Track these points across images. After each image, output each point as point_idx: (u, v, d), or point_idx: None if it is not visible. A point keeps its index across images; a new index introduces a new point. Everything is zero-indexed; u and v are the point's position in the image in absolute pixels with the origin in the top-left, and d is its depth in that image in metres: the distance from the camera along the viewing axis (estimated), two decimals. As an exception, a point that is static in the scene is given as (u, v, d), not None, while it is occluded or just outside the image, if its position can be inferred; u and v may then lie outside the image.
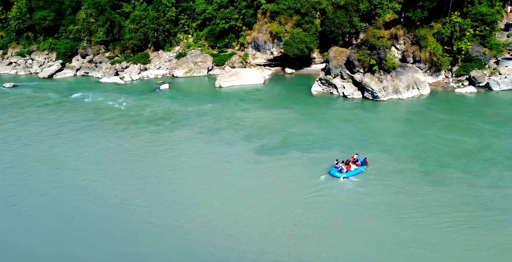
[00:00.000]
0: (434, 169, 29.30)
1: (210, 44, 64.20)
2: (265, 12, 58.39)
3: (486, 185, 26.86)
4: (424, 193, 26.28)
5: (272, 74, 59.37)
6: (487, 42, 49.42)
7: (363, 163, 29.70)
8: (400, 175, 28.66)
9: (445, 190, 26.56)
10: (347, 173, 28.68)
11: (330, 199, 26.62)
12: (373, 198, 26.17)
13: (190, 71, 60.92)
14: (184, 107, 45.92)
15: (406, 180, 27.95)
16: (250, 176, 29.72)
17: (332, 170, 29.22)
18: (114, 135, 38.70)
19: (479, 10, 47.81)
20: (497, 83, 45.72)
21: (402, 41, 47.44)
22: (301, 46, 55.22)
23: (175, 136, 37.82)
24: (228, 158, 32.55)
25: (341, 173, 28.62)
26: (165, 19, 64.17)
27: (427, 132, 35.61)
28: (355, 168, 29.12)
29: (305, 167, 30.53)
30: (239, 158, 32.61)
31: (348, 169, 28.80)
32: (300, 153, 32.79)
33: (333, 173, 28.90)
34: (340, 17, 53.79)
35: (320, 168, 30.05)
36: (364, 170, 29.38)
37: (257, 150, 33.81)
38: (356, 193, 27.18)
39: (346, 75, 47.17)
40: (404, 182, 27.70)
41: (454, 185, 27.04)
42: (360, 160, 29.96)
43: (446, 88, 47.92)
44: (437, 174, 28.58)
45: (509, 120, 37.50)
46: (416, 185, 27.26)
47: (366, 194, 26.80)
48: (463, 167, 29.44)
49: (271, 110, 43.81)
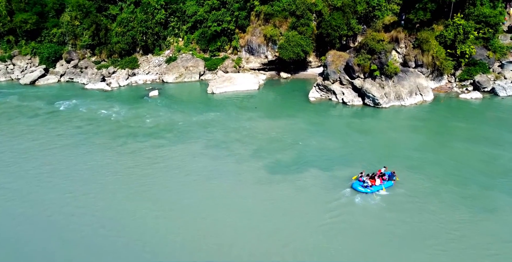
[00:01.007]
0: (473, 190, 26.36)
1: (201, 47, 61.41)
2: (258, 14, 55.82)
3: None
4: (465, 221, 23.42)
5: (267, 79, 56.79)
6: (491, 45, 47.42)
7: (391, 177, 27.23)
8: (434, 198, 25.76)
9: (488, 217, 23.70)
10: (372, 188, 26.34)
11: (353, 226, 23.62)
12: (405, 225, 23.29)
13: (180, 76, 58.06)
14: (180, 117, 42.81)
15: (442, 205, 25.05)
16: (263, 199, 26.97)
17: (355, 183, 27.00)
18: (109, 151, 35.58)
19: (481, 12, 45.75)
20: (503, 88, 43.66)
21: (403, 44, 45.21)
22: (296, 49, 52.74)
23: (178, 151, 34.74)
24: (238, 178, 29.63)
25: (365, 188, 26.24)
26: (154, 22, 61.22)
27: (454, 144, 32.92)
28: (380, 183, 26.72)
29: (323, 188, 27.76)
30: (250, 177, 29.66)
31: (373, 184, 26.41)
32: (318, 171, 29.89)
33: (356, 187, 26.74)
34: (337, 19, 51.43)
35: (341, 188, 27.44)
36: (389, 187, 26.89)
37: (269, 167, 30.92)
38: (385, 219, 24.16)
39: (346, 80, 44.77)
40: (439, 207, 24.83)
41: (499, 211, 24.13)
42: (387, 173, 27.48)
43: (449, 93, 45.77)
44: (477, 197, 25.68)
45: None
46: (454, 211, 24.40)
47: (397, 220, 23.88)
48: (506, 188, 26.39)
49: (276, 119, 40.95)
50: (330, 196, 26.73)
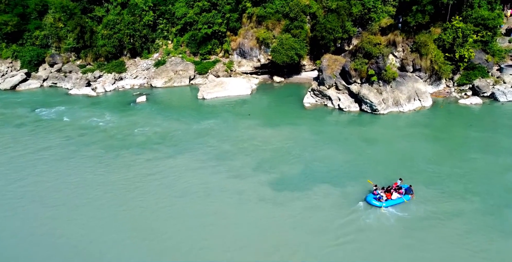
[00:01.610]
0: (501, 211, 24.08)
1: (191, 50, 59.24)
2: (251, 17, 53.86)
3: None
4: (494, 248, 21.20)
5: (260, 83, 54.88)
6: (489, 48, 46.19)
7: (408, 191, 25.44)
8: (459, 219, 23.44)
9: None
10: (387, 202, 24.71)
11: (368, 255, 21.28)
12: (428, 253, 20.96)
13: (170, 81, 55.82)
14: (173, 126, 40.04)
15: (468, 227, 22.74)
16: (267, 222, 24.26)
17: (369, 196, 25.43)
18: (100, 165, 32.61)
19: (480, 14, 44.47)
20: (503, 94, 42.37)
21: (401, 48, 43.64)
22: (290, 53, 50.92)
23: (174, 164, 31.97)
24: (240, 197, 26.96)
25: (380, 201, 24.59)
26: (141, 24, 58.88)
27: (469, 156, 30.71)
28: (397, 197, 24.98)
29: (334, 207, 25.30)
30: (253, 195, 27.01)
31: (388, 198, 24.80)
32: (327, 186, 27.38)
33: (370, 200, 25.10)
34: (331, 22, 49.75)
35: (353, 207, 25.23)
36: (406, 201, 25.11)
37: (274, 183, 28.31)
38: (406, 248, 21.67)
39: (342, 86, 43.06)
40: (465, 230, 22.53)
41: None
42: (404, 187, 25.69)
43: (448, 98, 44.37)
44: (508, 218, 23.42)
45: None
46: (482, 235, 22.14)
47: (419, 249, 21.39)
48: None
49: (276, 128, 38.43)
50: (342, 217, 24.17)
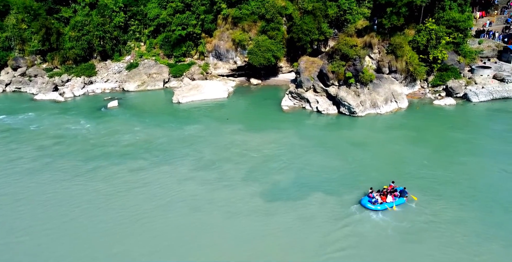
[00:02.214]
0: (500, 217, 23.63)
1: (165, 52, 57.48)
2: (226, 18, 52.78)
3: None
4: (496, 259, 20.73)
5: (236, 86, 53.86)
6: (461, 50, 47.22)
7: (402, 193, 25.35)
8: (458, 227, 22.78)
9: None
10: (382, 205, 24.67)
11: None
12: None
13: (143, 84, 53.87)
14: (154, 133, 38.12)
15: (468, 236, 22.14)
16: (260, 236, 23.00)
17: (364, 199, 25.17)
18: (78, 177, 30.17)
19: (451, 16, 45.33)
20: (475, 94, 43.35)
21: (377, 50, 43.86)
22: (267, 55, 50.24)
23: (159, 174, 29.98)
24: (229, 209, 25.46)
25: (374, 205, 24.62)
26: (112, 25, 56.52)
27: (460, 159, 30.51)
28: (391, 200, 24.99)
29: (330, 216, 24.31)
30: (244, 208, 25.59)
31: (383, 201, 24.81)
32: (322, 196, 26.34)
33: (365, 203, 24.84)
34: (308, 23, 49.44)
35: (348, 215, 24.46)
36: (394, 207, 24.91)
37: (266, 194, 26.98)
38: (404, 259, 21.01)
39: (320, 88, 42.73)
40: (465, 239, 21.92)
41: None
42: (399, 189, 25.61)
43: (423, 99, 44.95)
44: (508, 225, 22.91)
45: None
46: (482, 244, 21.56)
47: (417, 260, 20.79)
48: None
49: (261, 133, 37.08)
50: (338, 228, 23.24)
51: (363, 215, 24.50)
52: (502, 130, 35.72)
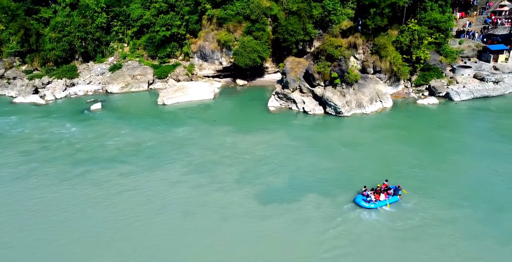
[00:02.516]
0: (493, 216, 24.01)
1: (149, 54, 56.71)
2: (211, 18, 52.41)
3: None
4: (491, 257, 21.05)
5: (222, 87, 53.57)
6: (443, 50, 48.21)
7: (396, 191, 25.70)
8: (452, 227, 23.15)
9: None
10: (376, 203, 24.96)
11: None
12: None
13: (127, 86, 52.98)
14: (142, 135, 37.58)
15: (462, 235, 22.50)
16: (255, 239, 22.77)
17: (358, 198, 25.48)
18: (65, 182, 29.46)
19: (433, 17, 46.23)
20: (457, 93, 44.29)
21: (362, 50, 44.27)
22: (253, 55, 50.13)
23: (150, 178, 29.50)
24: (224, 212, 25.15)
25: (368, 203, 24.89)
26: (94, 26, 55.41)
27: (450, 158, 31.03)
28: (385, 198, 25.29)
29: (326, 217, 24.24)
30: (238, 210, 25.31)
31: (377, 199, 25.03)
32: (316, 197, 26.31)
33: (359, 202, 25.12)
34: (293, 24, 49.56)
35: (346, 216, 24.48)
36: (388, 205, 25.28)
37: (260, 196, 26.77)
38: (399, 259, 21.24)
39: (306, 88, 42.89)
40: (460, 238, 22.30)
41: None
42: (392, 187, 25.97)
43: (407, 99, 45.66)
44: (501, 224, 23.37)
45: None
46: (477, 243, 21.94)
47: (412, 260, 21.06)
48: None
49: (251, 134, 36.91)
50: (334, 228, 23.46)
51: (358, 215, 24.66)
52: (485, 128, 36.61)
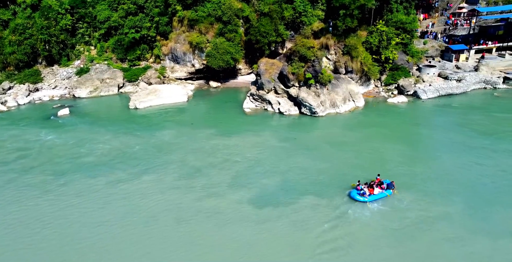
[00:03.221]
0: (484, 210, 24.71)
1: (118, 56, 55.00)
2: (182, 20, 51.60)
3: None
4: (485, 250, 21.56)
5: (196, 89, 52.91)
6: (409, 50, 50.05)
7: (389, 186, 26.45)
8: (446, 223, 23.63)
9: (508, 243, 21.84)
10: (370, 197, 25.58)
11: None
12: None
13: (96, 90, 51.13)
14: (124, 141, 36.49)
15: (456, 230, 22.97)
16: (253, 244, 22.34)
17: (353, 192, 26.13)
18: (48, 194, 27.82)
19: (399, 18, 47.98)
20: (424, 92, 46.16)
21: (333, 51, 45.18)
22: (226, 57, 49.87)
23: (139, 185, 28.50)
24: (218, 218, 24.56)
25: (363, 196, 25.49)
26: (58, 29, 53.04)
27: (434, 154, 32.05)
28: (379, 192, 25.97)
29: (323, 218, 24.22)
30: (234, 216, 24.79)
31: (371, 193, 25.67)
32: (312, 198, 26.23)
33: (354, 196, 25.77)
34: (265, 25, 49.78)
35: (343, 217, 24.59)
36: (389, 195, 26.11)
37: (255, 200, 26.35)
38: (397, 257, 21.54)
39: (281, 89, 43.16)
40: (455, 234, 22.75)
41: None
42: (386, 182, 26.67)
43: (377, 98, 47.05)
44: (492, 218, 23.99)
45: (487, 131, 35.70)
46: (471, 238, 22.35)
47: (410, 257, 21.35)
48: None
49: (236, 136, 36.60)
50: (332, 230, 23.65)
51: (354, 215, 24.90)
52: (457, 124, 38.23)
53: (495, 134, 35.30)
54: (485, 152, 32.22)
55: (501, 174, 28.91)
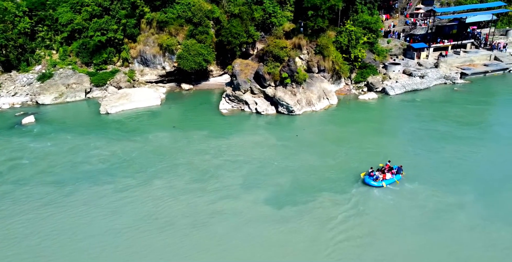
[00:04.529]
0: (496, 197, 25.69)
1: (83, 61, 52.67)
2: (150, 22, 50.41)
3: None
4: (503, 233, 22.52)
5: (168, 92, 51.84)
6: (375, 49, 52.33)
7: (398, 170, 28.37)
8: (463, 212, 24.48)
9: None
10: (384, 181, 27.48)
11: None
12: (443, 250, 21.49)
13: (61, 96, 48.60)
14: (115, 148, 34.93)
15: (475, 220, 23.75)
16: (280, 243, 22.18)
17: (366, 179, 27.73)
18: (50, 205, 26.28)
19: (364, 19, 50.08)
20: (392, 88, 48.38)
21: (306, 50, 46.22)
22: (198, 59, 49.36)
23: (150, 191, 27.63)
24: (237, 220, 24.18)
25: (377, 181, 27.26)
26: (16, 32, 49.89)
27: (431, 145, 33.26)
28: (390, 177, 27.87)
29: (345, 213, 24.49)
30: (253, 216, 24.45)
31: (384, 178, 27.56)
32: (330, 194, 26.51)
33: (369, 181, 27.48)
34: (236, 27, 49.86)
35: (367, 207, 25.20)
36: (397, 181, 27.82)
37: (271, 199, 26.25)
38: (421, 247, 21.94)
39: (257, 89, 43.44)
40: (475, 223, 23.58)
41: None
42: (395, 167, 28.58)
43: (349, 95, 48.68)
44: (504, 204, 24.94)
45: (468, 122, 37.98)
46: (488, 225, 23.29)
47: (432, 245, 21.83)
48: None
49: (228, 137, 36.43)
50: (359, 224, 24.02)
51: (374, 206, 25.48)
52: (436, 117, 39.95)
53: (475, 125, 37.82)
54: (475, 141, 34.03)
55: (500, 162, 30.26)
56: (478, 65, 55.76)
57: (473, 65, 55.69)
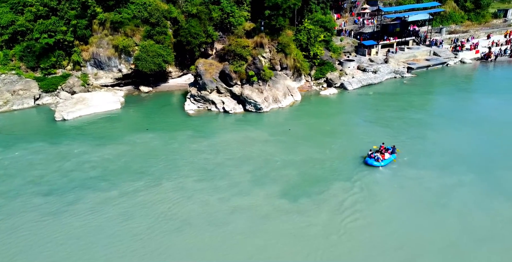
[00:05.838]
0: (497, 175, 27.17)
1: (29, 65, 48.59)
2: (103, 23, 47.88)
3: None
4: (497, 208, 23.91)
5: (126, 96, 49.61)
6: (330, 46, 54.65)
7: (393, 150, 30.60)
8: (467, 191, 25.74)
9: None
10: (384, 161, 29.61)
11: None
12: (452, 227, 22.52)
13: (6, 104, 44.48)
14: (101, 151, 33.13)
15: (480, 198, 24.93)
16: (304, 233, 22.44)
17: (369, 160, 29.67)
18: (65, 214, 24.62)
19: (319, 18, 52.14)
20: (349, 83, 50.85)
21: (268, 49, 46.90)
22: (157, 60, 47.89)
23: (162, 194, 26.70)
24: (255, 214, 24.13)
25: (378, 162, 29.32)
26: None
27: (420, 132, 35.25)
28: (388, 157, 30.08)
29: (358, 199, 25.33)
30: (270, 210, 24.46)
31: (383, 158, 29.70)
32: (341, 184, 27.20)
33: (371, 162, 29.48)
34: (195, 27, 49.21)
35: (381, 192, 26.16)
36: (395, 160, 30.13)
37: (284, 193, 26.35)
38: (431, 224, 22.94)
39: (223, 89, 43.23)
40: (480, 201, 24.72)
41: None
42: (389, 148, 30.69)
43: (310, 91, 50.29)
44: (504, 182, 26.48)
45: (438, 109, 40.87)
46: (493, 202, 24.50)
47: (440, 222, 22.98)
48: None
49: (215, 136, 35.83)
50: (369, 205, 24.96)
51: (383, 191, 26.43)
52: (403, 106, 42.79)
53: (442, 111, 40.71)
54: (456, 125, 36.24)
55: (489, 142, 32.36)
56: (421, 60, 60.57)
57: (417, 60, 60.38)
